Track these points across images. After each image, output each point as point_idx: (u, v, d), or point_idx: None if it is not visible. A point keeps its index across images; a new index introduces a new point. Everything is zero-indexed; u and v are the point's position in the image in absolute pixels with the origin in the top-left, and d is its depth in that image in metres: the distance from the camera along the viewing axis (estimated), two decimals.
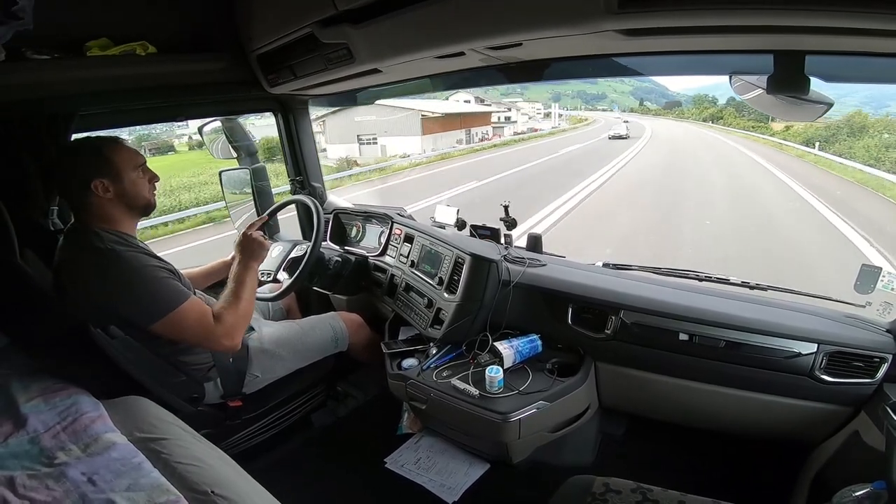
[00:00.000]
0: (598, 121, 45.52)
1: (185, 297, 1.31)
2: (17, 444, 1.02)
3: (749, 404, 1.30)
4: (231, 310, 1.37)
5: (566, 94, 70.18)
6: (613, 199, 9.69)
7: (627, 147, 20.36)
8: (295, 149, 2.12)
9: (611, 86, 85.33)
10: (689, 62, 1.05)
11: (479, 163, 18.26)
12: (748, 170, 14.39)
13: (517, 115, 40.50)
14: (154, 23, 1.45)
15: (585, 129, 37.89)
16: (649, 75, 2.60)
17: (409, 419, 1.77)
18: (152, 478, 0.94)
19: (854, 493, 0.92)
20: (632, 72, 1.28)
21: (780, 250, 6.21)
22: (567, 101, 71.24)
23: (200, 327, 1.32)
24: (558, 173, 13.84)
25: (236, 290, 1.42)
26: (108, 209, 1.30)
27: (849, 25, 0.68)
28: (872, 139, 16.66)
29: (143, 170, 1.36)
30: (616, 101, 73.00)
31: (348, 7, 1.09)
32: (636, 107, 61.76)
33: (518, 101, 44.78)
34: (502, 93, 40.00)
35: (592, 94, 78.31)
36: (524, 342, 1.44)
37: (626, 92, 79.00)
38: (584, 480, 1.09)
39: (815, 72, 0.85)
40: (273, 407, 1.68)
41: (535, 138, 30.63)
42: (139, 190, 1.34)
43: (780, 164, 14.63)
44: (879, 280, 1.23)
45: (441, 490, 1.52)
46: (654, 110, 42.86)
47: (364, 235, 2.11)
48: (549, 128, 38.73)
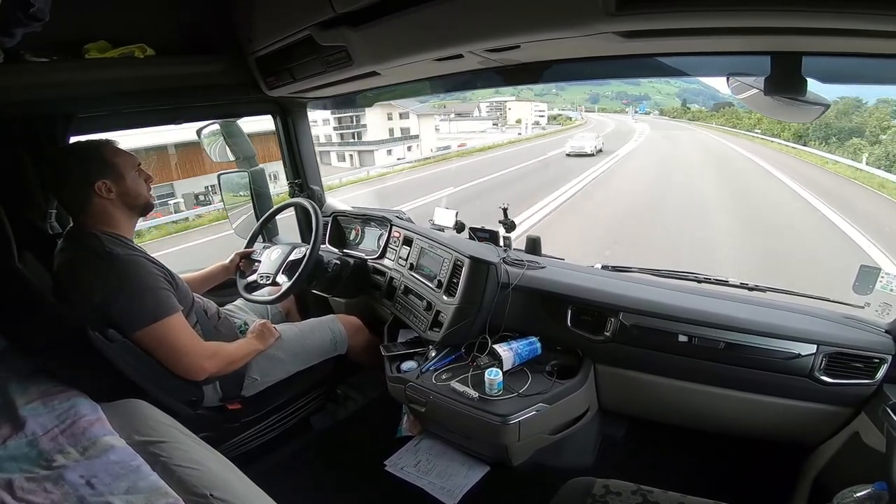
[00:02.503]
0: (590, 123, 41.84)
1: (172, 310, 1.32)
2: (16, 447, 1.02)
3: (749, 406, 1.29)
4: (223, 360, 1.42)
5: (605, 95, 67.44)
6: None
7: (583, 171, 13.43)
8: (293, 151, 2.11)
9: (654, 86, 77.85)
10: (687, 64, 1.06)
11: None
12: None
13: (429, 126, 30.86)
14: (152, 25, 1.46)
15: (559, 136, 29.87)
16: (647, 77, 2.62)
17: (409, 422, 1.76)
18: (151, 481, 0.93)
19: (855, 495, 0.92)
20: (630, 73, 1.28)
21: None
22: (606, 102, 68.38)
23: (182, 346, 1.33)
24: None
25: (236, 355, 1.47)
26: (110, 210, 1.32)
27: (846, 27, 0.68)
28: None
29: (140, 170, 1.38)
30: (659, 102, 68.07)
31: (347, 9, 1.09)
32: (668, 110, 54.95)
33: (509, 101, 42.56)
34: (498, 91, 36.56)
35: (634, 95, 73.91)
36: (523, 344, 1.44)
37: (672, 94, 73.77)
38: (584, 482, 1.09)
39: (812, 73, 0.85)
40: (272, 410, 1.68)
41: (449, 158, 22.68)
42: (139, 189, 1.37)
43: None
44: (878, 281, 1.24)
45: (441, 493, 1.52)
46: (693, 112, 38.05)
47: (363, 238, 2.11)
48: (505, 139, 30.39)
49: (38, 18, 0.87)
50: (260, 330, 1.58)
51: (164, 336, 1.30)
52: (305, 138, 2.13)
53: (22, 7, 0.84)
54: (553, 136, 31.64)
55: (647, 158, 18.48)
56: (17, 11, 0.85)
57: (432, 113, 30.60)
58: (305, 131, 2.12)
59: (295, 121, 2.06)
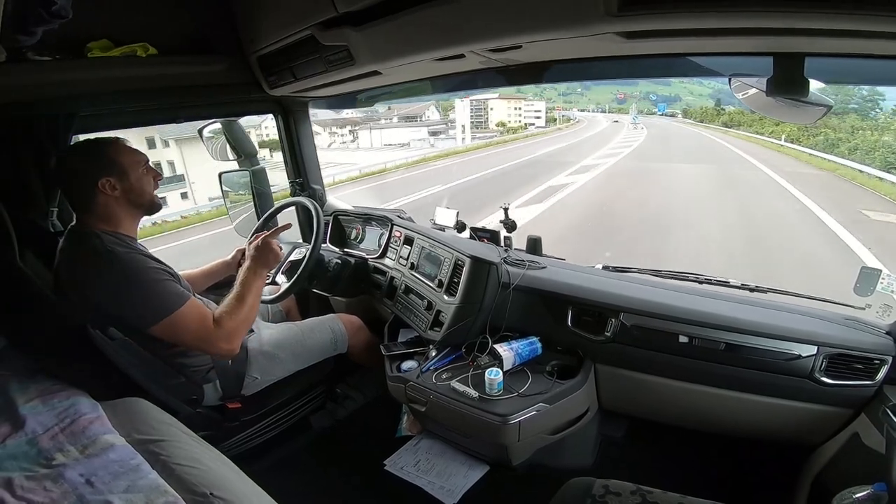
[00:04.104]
0: (582, 123, 38.10)
1: (183, 299, 1.31)
2: (16, 446, 1.02)
3: (749, 406, 1.29)
4: (233, 314, 1.37)
5: (633, 95, 65.84)
6: None
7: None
8: (295, 151, 2.12)
9: (686, 86, 73.37)
10: (689, 64, 1.05)
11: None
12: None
13: (194, 157, 14.44)
14: (155, 24, 1.46)
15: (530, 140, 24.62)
16: (649, 78, 2.61)
17: (409, 421, 1.76)
18: (151, 479, 0.93)
19: (854, 495, 0.92)
20: (631, 74, 1.28)
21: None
22: (633, 102, 66.95)
23: (200, 330, 1.32)
24: None
25: (242, 293, 1.41)
26: (114, 208, 1.31)
27: (848, 28, 0.68)
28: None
29: (147, 168, 1.37)
30: (691, 103, 64.02)
31: (349, 9, 1.09)
32: (695, 111, 48.14)
33: (491, 98, 39.13)
34: (519, 90, 29.16)
35: (665, 96, 70.55)
36: (524, 344, 1.44)
37: (705, 94, 70.14)
38: (584, 482, 1.09)
39: (815, 74, 0.85)
40: (272, 409, 1.68)
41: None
42: (144, 187, 1.36)
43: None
44: (879, 282, 1.24)
45: (440, 492, 1.52)
46: (729, 115, 33.94)
47: (364, 237, 2.11)
48: (438, 150, 22.65)
49: (60, 16, 0.87)
50: (260, 249, 1.47)
51: (182, 323, 1.29)
52: (307, 138, 2.13)
53: (44, 5, 0.83)
54: (510, 143, 23.52)
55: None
56: (39, 9, 0.85)
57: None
58: (307, 131, 2.12)
59: (296, 120, 2.06)
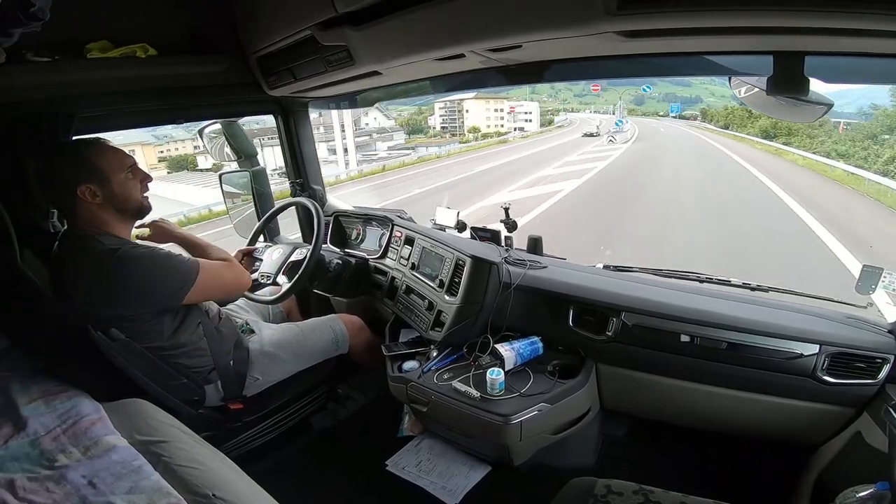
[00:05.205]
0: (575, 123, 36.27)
1: (197, 262, 1.36)
2: (18, 447, 1.02)
3: (751, 406, 1.29)
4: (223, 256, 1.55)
5: (651, 97, 64.54)
6: None
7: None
8: (295, 151, 2.12)
9: (707, 87, 70.10)
10: (689, 63, 1.05)
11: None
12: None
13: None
14: (154, 25, 1.45)
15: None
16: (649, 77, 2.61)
17: (410, 422, 1.76)
18: (153, 480, 0.93)
19: (857, 495, 0.92)
20: (632, 73, 1.28)
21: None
22: (652, 104, 64.63)
23: (227, 273, 1.47)
24: None
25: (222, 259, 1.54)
26: (98, 214, 1.27)
27: (848, 26, 0.68)
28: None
29: (133, 171, 1.31)
30: (712, 105, 60.93)
31: (348, 9, 1.09)
32: (715, 113, 44.82)
33: (468, 98, 38.43)
34: (535, 90, 28.79)
35: (685, 97, 68.04)
36: (525, 344, 1.44)
37: (728, 95, 68.48)
38: (586, 482, 1.09)
39: (815, 73, 0.85)
40: (274, 410, 1.68)
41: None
42: (129, 192, 1.30)
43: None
44: (881, 281, 1.23)
45: (442, 493, 1.52)
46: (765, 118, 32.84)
47: (364, 238, 2.11)
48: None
49: (37, 18, 0.85)
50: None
51: (210, 280, 1.38)
52: (307, 138, 2.13)
53: (22, 7, 0.83)
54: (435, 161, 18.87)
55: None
56: (16, 11, 0.84)
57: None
58: (307, 131, 2.12)
59: (296, 120, 2.06)
